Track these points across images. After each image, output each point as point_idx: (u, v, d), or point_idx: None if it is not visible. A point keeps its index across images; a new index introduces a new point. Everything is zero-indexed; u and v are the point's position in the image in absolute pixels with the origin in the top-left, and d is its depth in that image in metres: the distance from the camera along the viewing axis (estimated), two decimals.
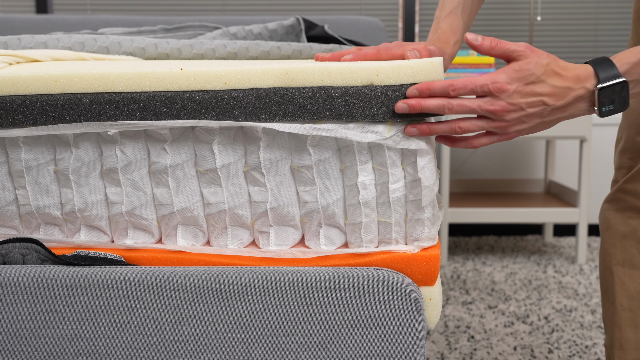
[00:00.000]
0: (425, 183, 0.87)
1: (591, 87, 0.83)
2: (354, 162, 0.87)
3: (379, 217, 0.90)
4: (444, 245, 2.68)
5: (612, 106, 0.84)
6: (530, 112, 0.82)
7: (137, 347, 0.89)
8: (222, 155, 0.89)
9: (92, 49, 1.20)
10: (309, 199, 0.90)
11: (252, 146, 0.89)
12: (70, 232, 0.96)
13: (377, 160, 0.87)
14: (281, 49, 1.25)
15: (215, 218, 0.92)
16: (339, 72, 0.86)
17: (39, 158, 0.92)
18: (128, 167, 0.91)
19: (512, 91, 0.81)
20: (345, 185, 0.89)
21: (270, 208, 0.90)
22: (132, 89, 0.88)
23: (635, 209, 1.16)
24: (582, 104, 0.84)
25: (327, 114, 0.86)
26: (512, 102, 0.81)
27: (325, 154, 0.88)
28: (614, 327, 1.19)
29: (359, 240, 0.91)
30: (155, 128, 0.88)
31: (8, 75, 0.90)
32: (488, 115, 0.82)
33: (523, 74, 0.81)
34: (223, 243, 0.94)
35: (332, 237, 0.92)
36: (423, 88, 0.83)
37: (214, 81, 0.87)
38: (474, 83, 0.82)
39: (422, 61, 0.86)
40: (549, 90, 0.82)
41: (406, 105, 0.83)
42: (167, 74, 0.88)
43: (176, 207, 0.91)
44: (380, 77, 0.86)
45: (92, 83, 0.89)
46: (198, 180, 0.91)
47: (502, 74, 0.82)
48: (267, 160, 0.88)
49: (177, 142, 0.89)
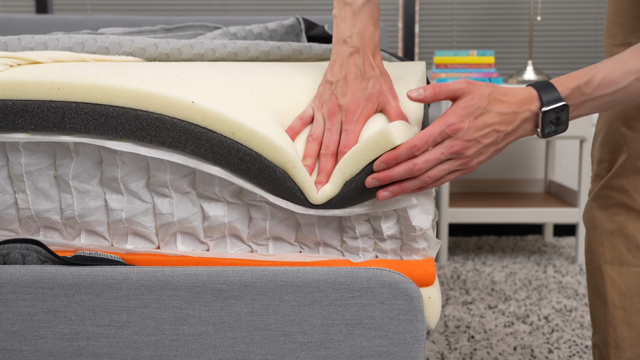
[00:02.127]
0: (419, 228, 0.89)
1: (535, 109, 0.88)
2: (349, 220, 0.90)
3: (375, 245, 0.91)
4: (444, 245, 2.68)
5: (553, 127, 0.88)
6: (486, 142, 0.86)
7: (137, 347, 0.89)
8: (223, 182, 0.89)
9: (92, 49, 1.20)
10: (306, 221, 0.91)
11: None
12: (70, 236, 0.96)
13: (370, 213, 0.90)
14: (281, 48, 1.25)
15: (214, 230, 0.92)
16: (332, 182, 0.88)
17: (39, 163, 0.91)
18: (128, 177, 0.90)
19: (466, 128, 0.85)
20: (342, 223, 0.92)
21: (269, 227, 0.91)
22: (137, 107, 0.87)
23: (621, 205, 1.16)
24: (527, 125, 0.88)
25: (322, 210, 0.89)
26: (469, 139, 0.85)
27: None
28: (607, 327, 1.18)
29: (357, 258, 0.93)
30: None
31: (10, 79, 0.89)
32: (452, 157, 0.86)
33: (470, 110, 0.85)
34: (222, 250, 0.94)
35: (331, 253, 0.93)
36: (389, 159, 0.85)
37: (223, 126, 0.87)
38: (432, 135, 0.85)
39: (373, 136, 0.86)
40: (497, 119, 0.86)
41: (376, 180, 0.86)
42: (176, 102, 0.87)
43: (175, 218, 0.91)
44: (347, 172, 0.87)
45: (95, 94, 0.88)
46: (197, 194, 0.91)
47: (452, 116, 0.85)
48: (263, 197, 0.89)
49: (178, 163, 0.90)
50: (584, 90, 0.89)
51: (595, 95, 0.89)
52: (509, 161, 3.10)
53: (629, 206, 1.15)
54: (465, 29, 3.09)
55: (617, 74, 0.89)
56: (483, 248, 2.91)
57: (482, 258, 2.75)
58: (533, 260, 2.71)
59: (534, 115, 0.88)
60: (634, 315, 1.16)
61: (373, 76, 0.91)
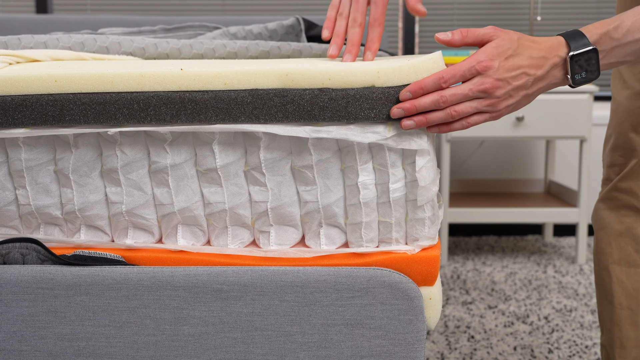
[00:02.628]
0: (422, 183, 0.87)
1: (564, 54, 0.87)
2: (354, 162, 0.87)
3: (379, 217, 0.90)
4: (444, 245, 2.68)
5: (583, 74, 0.88)
6: (515, 84, 0.85)
7: (137, 347, 0.89)
8: (223, 155, 0.89)
9: (92, 49, 1.20)
10: (310, 198, 0.90)
11: (252, 146, 0.89)
12: (71, 231, 0.96)
13: (377, 160, 0.87)
14: (281, 48, 1.25)
15: (215, 218, 0.92)
16: (340, 74, 0.86)
17: (38, 158, 0.92)
18: (128, 167, 0.90)
19: (497, 67, 0.84)
20: (346, 185, 0.89)
21: (271, 208, 0.90)
22: (132, 89, 0.88)
23: (629, 207, 1.16)
24: (557, 72, 0.88)
25: (328, 115, 0.86)
26: (499, 78, 0.84)
27: (325, 154, 0.88)
28: (613, 327, 1.18)
29: (360, 239, 0.91)
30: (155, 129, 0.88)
31: (8, 75, 0.90)
32: (480, 95, 0.85)
33: (500, 50, 0.85)
34: (223, 243, 0.94)
35: (333, 237, 0.92)
36: (416, 89, 0.84)
37: (214, 81, 0.87)
38: (461, 69, 0.84)
39: (423, 59, 0.86)
40: (527, 62, 0.85)
41: (401, 110, 0.84)
42: (167, 74, 0.88)
43: (176, 207, 0.91)
44: (381, 78, 0.86)
45: (91, 83, 0.89)
46: (198, 180, 0.91)
47: (482, 54, 0.85)
48: (268, 160, 0.88)
49: (177, 142, 0.89)
50: (613, 35, 0.88)
51: (625, 40, 0.88)
52: (509, 161, 3.10)
53: (638, 208, 1.15)
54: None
55: None
56: (483, 248, 2.91)
57: (482, 258, 2.75)
58: (533, 260, 2.71)
59: (563, 61, 0.87)
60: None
61: None
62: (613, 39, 0.88)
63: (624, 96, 1.17)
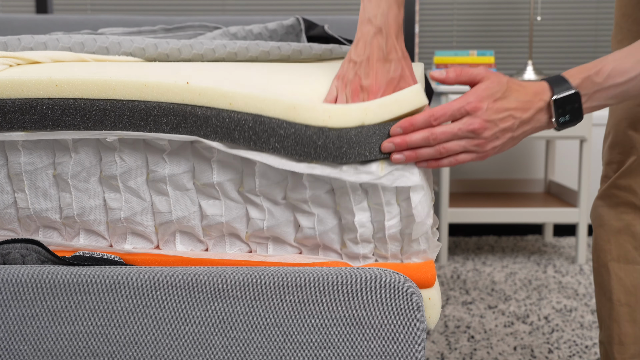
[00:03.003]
0: (417, 220, 0.87)
1: (548, 99, 0.90)
2: (349, 202, 0.87)
3: (375, 249, 0.91)
4: (444, 245, 2.68)
5: (567, 117, 0.90)
6: (502, 127, 0.87)
7: (137, 347, 0.89)
8: (220, 172, 0.89)
9: (92, 49, 1.20)
10: (306, 224, 0.90)
11: (248, 168, 0.89)
12: (69, 235, 0.96)
13: (372, 199, 0.87)
14: (281, 49, 1.25)
15: (212, 229, 0.92)
16: (339, 113, 0.85)
17: (38, 162, 0.92)
18: (127, 174, 0.90)
19: (485, 108, 0.86)
20: (342, 223, 0.90)
21: (267, 227, 0.90)
22: (134, 98, 0.88)
23: (628, 204, 1.17)
24: (541, 115, 0.90)
25: (323, 155, 0.85)
26: (487, 119, 0.87)
27: (319, 191, 0.88)
28: (612, 323, 1.19)
29: (357, 262, 0.92)
30: (154, 139, 0.88)
31: (8, 78, 0.89)
32: (468, 135, 0.87)
33: (490, 92, 0.87)
34: (221, 250, 0.94)
35: (331, 256, 0.93)
36: (406, 125, 0.86)
37: (220, 100, 0.86)
38: (451, 108, 0.87)
39: (404, 93, 0.86)
40: (515, 105, 0.88)
41: (392, 144, 0.86)
42: (172, 86, 0.87)
43: (174, 216, 0.91)
44: (369, 116, 0.85)
45: (93, 89, 0.88)
46: (196, 191, 0.91)
47: (471, 95, 0.87)
48: (263, 186, 0.88)
49: (176, 153, 0.89)
50: (595, 79, 0.90)
51: (607, 84, 0.91)
52: (509, 161, 3.10)
53: (636, 205, 1.16)
54: (465, 29, 3.09)
55: (627, 64, 0.91)
56: (483, 248, 2.91)
57: (482, 258, 2.75)
58: (533, 260, 2.71)
59: (547, 105, 0.89)
60: (638, 313, 1.16)
61: (395, 59, 0.92)
62: (595, 83, 0.91)
63: None
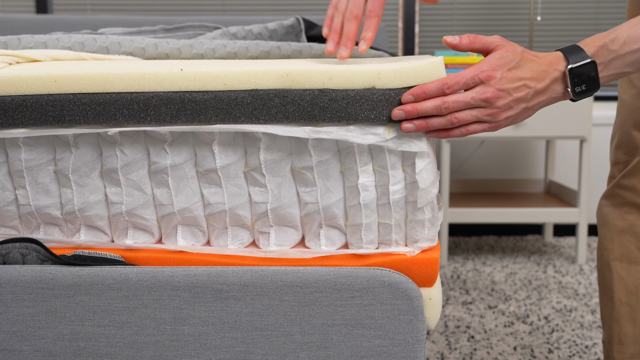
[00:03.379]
0: (422, 185, 0.87)
1: (563, 68, 0.89)
2: (354, 163, 0.87)
3: (379, 219, 0.90)
4: (444, 245, 2.68)
5: (584, 86, 0.89)
6: (516, 96, 0.86)
7: (137, 347, 0.89)
8: (223, 155, 0.89)
9: (92, 49, 1.20)
10: (310, 199, 0.90)
11: (252, 147, 0.89)
12: (70, 232, 0.96)
13: (377, 162, 0.87)
14: (281, 49, 1.25)
15: (215, 218, 0.92)
16: (340, 75, 0.86)
17: (38, 158, 0.92)
18: (128, 167, 0.90)
19: (499, 77, 0.85)
20: (346, 186, 0.89)
21: (271, 209, 0.90)
22: (132, 89, 0.88)
23: (632, 205, 1.17)
24: (557, 86, 0.89)
25: (328, 116, 0.86)
26: (501, 88, 0.85)
27: (325, 155, 0.88)
28: (612, 322, 1.19)
29: (359, 241, 0.91)
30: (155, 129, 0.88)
31: (8, 75, 0.90)
32: (481, 104, 0.85)
33: (504, 61, 0.86)
34: (223, 243, 0.93)
35: (333, 238, 0.92)
36: (418, 92, 0.85)
37: (214, 82, 0.87)
38: (464, 77, 0.85)
39: (424, 62, 0.86)
40: (529, 75, 0.87)
41: (403, 112, 0.84)
42: (167, 74, 0.88)
43: (176, 207, 0.91)
44: (382, 80, 0.86)
45: (91, 83, 0.89)
46: (198, 180, 0.91)
47: (485, 64, 0.86)
48: (268, 161, 0.88)
49: (177, 142, 0.89)
50: (611, 47, 0.90)
51: (623, 51, 0.90)
52: (509, 161, 3.10)
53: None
54: (465, 29, 3.08)
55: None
56: (483, 248, 2.91)
57: (482, 258, 2.75)
58: (533, 260, 2.71)
59: (562, 75, 0.89)
60: (638, 313, 1.16)
61: None
62: (610, 50, 0.90)
63: (630, 95, 1.18)
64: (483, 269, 2.60)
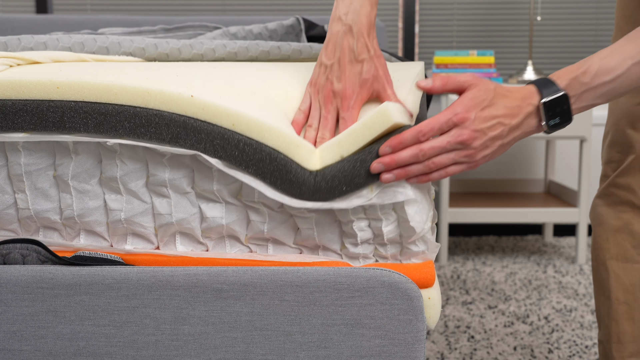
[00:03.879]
0: (417, 230, 0.87)
1: (536, 102, 0.89)
2: (347, 216, 0.88)
3: (375, 251, 0.91)
4: (444, 245, 2.68)
5: (557, 119, 0.90)
6: (492, 135, 0.87)
7: (137, 347, 0.89)
8: (221, 180, 0.89)
9: (92, 49, 1.20)
10: (305, 226, 0.90)
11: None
12: (70, 236, 0.96)
13: (369, 214, 0.88)
14: (281, 48, 1.25)
15: (212, 231, 0.92)
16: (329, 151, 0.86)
17: (38, 163, 0.91)
18: (127, 177, 0.90)
19: (473, 118, 0.86)
20: (342, 229, 0.90)
21: (267, 230, 0.91)
22: (136, 104, 0.87)
23: (626, 203, 1.17)
24: (531, 119, 0.90)
25: (316, 196, 0.86)
26: (476, 129, 0.86)
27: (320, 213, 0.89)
28: (610, 322, 1.19)
29: (357, 262, 0.92)
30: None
31: (9, 78, 0.89)
32: (457, 146, 0.86)
33: (477, 101, 0.86)
34: (221, 251, 0.94)
35: (331, 257, 0.93)
36: (395, 143, 0.85)
37: (223, 119, 0.86)
38: (439, 122, 0.85)
39: (372, 116, 0.85)
40: (503, 112, 0.87)
41: (381, 165, 0.85)
42: (175, 97, 0.87)
43: (174, 218, 0.91)
44: (344, 147, 0.86)
45: (94, 92, 0.88)
46: (195, 195, 0.91)
47: (459, 106, 0.86)
48: (261, 197, 0.88)
49: (177, 159, 0.89)
50: (582, 79, 0.90)
51: (594, 84, 0.90)
52: (509, 161, 3.10)
53: (635, 204, 1.16)
54: (465, 29, 3.09)
55: (613, 61, 0.91)
56: (483, 248, 2.91)
57: (482, 258, 2.75)
58: (533, 260, 2.71)
59: (536, 109, 0.89)
60: (636, 311, 1.17)
61: (366, 59, 0.90)
62: (582, 83, 0.90)
63: (626, 96, 1.18)
64: (483, 269, 2.60)
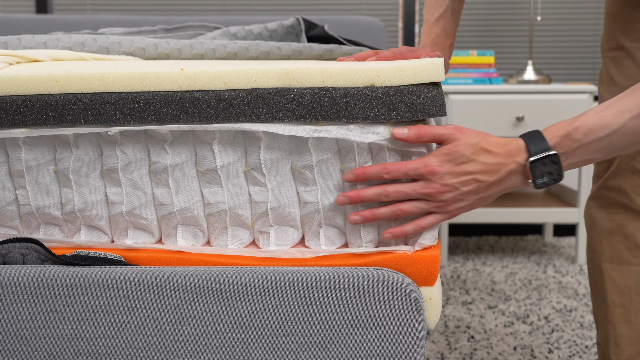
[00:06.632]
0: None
1: (522, 160, 0.86)
2: (353, 162, 0.87)
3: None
4: (444, 245, 2.68)
5: (546, 178, 0.86)
6: (464, 190, 0.85)
7: (137, 347, 0.89)
8: (223, 155, 0.89)
9: (92, 49, 1.20)
10: (310, 199, 0.90)
11: (252, 146, 0.89)
12: (71, 232, 0.96)
13: (377, 161, 0.87)
14: (281, 49, 1.25)
15: (215, 218, 0.92)
16: (340, 73, 0.86)
17: (39, 158, 0.92)
18: (128, 167, 0.91)
19: (444, 173, 0.84)
20: (346, 186, 0.90)
21: (271, 208, 0.90)
22: (133, 89, 0.88)
23: (619, 205, 1.17)
24: (515, 177, 0.87)
25: (328, 114, 0.86)
26: (445, 184, 0.84)
27: (325, 154, 0.88)
28: (607, 325, 1.19)
29: (359, 240, 0.91)
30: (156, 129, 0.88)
31: (8, 75, 0.90)
32: (424, 197, 0.86)
33: (453, 156, 0.84)
34: (223, 243, 0.94)
35: (332, 237, 0.92)
36: (359, 173, 0.85)
37: (215, 81, 0.87)
38: (406, 167, 0.84)
39: (424, 61, 0.86)
40: (480, 168, 0.85)
41: (346, 198, 0.86)
42: (168, 74, 0.88)
43: (176, 207, 0.91)
44: (381, 77, 0.86)
45: (92, 83, 0.89)
46: (198, 180, 0.91)
47: (432, 158, 0.85)
48: (268, 161, 0.88)
49: (178, 142, 0.90)
50: (574, 136, 0.86)
51: (587, 140, 0.86)
52: None
53: (628, 206, 1.15)
54: (465, 29, 3.09)
55: (609, 116, 0.86)
56: (483, 248, 2.91)
57: (482, 258, 2.75)
58: (533, 260, 2.71)
59: (522, 167, 0.86)
60: (633, 314, 1.16)
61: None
62: (574, 139, 0.86)
63: (612, 93, 1.17)
64: (483, 269, 2.60)
